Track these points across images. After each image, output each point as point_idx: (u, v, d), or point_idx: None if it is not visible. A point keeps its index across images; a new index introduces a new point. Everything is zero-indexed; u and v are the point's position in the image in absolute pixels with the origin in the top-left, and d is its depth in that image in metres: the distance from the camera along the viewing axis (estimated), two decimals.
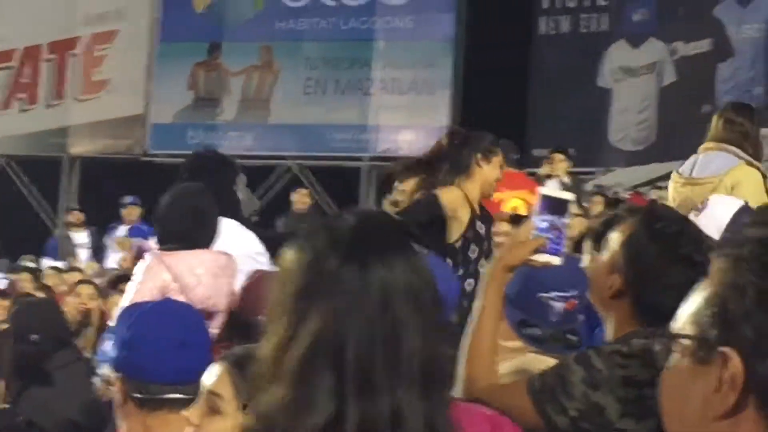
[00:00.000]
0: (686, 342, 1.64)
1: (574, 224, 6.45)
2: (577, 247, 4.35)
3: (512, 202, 9.03)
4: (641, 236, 3.46)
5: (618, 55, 24.91)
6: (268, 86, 24.57)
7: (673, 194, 7.56)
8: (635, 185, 19.80)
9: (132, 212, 18.76)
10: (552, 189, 3.57)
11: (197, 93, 24.87)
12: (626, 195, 18.04)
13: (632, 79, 24.85)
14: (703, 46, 24.42)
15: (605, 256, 3.51)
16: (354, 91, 24.16)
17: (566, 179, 15.75)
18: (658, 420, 1.98)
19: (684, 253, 3.46)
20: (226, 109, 24.66)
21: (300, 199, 18.35)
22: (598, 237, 3.68)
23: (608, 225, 3.79)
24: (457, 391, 3.28)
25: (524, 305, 3.74)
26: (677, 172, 7.68)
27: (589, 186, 19.43)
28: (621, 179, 21.53)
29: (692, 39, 24.40)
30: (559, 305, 3.84)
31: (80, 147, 24.93)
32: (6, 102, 24.84)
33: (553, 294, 3.78)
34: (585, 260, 3.80)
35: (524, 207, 9.88)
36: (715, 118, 7.83)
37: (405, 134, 21.62)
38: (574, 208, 3.30)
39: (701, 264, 3.39)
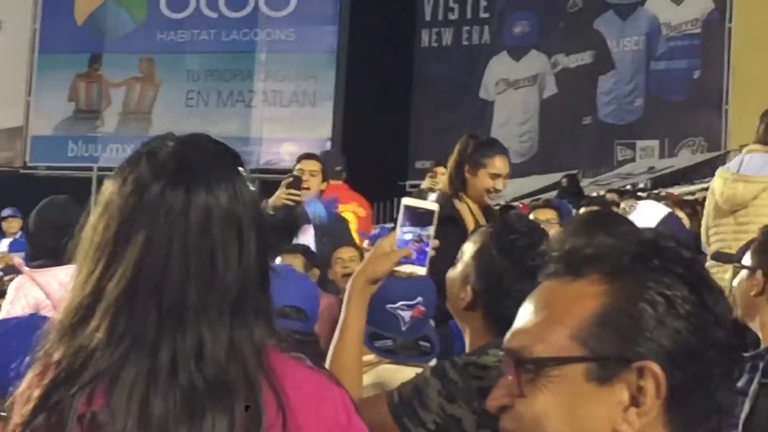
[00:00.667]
0: (572, 365, 1.57)
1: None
2: None
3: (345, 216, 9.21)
4: (491, 249, 3.48)
5: (499, 67, 25.44)
6: (149, 98, 24.82)
7: (722, 188, 7.75)
8: (515, 197, 20.05)
9: (12, 225, 18.51)
10: (415, 200, 3.46)
11: (78, 105, 25.07)
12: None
13: (514, 91, 25.35)
14: (584, 58, 24.89)
15: (459, 268, 3.54)
16: (236, 104, 24.49)
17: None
18: None
19: (534, 266, 3.39)
20: (107, 121, 24.86)
21: None
22: None
23: None
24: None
25: (373, 318, 3.66)
26: (725, 168, 8.01)
27: None
28: (504, 191, 21.96)
29: (573, 52, 24.91)
30: (406, 314, 3.88)
31: None
32: None
33: (400, 303, 3.83)
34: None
35: (355, 220, 9.99)
36: (759, 123, 8.14)
37: (287, 146, 21.98)
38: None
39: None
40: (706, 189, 11.23)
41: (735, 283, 4.11)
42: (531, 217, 8.50)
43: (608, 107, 25.01)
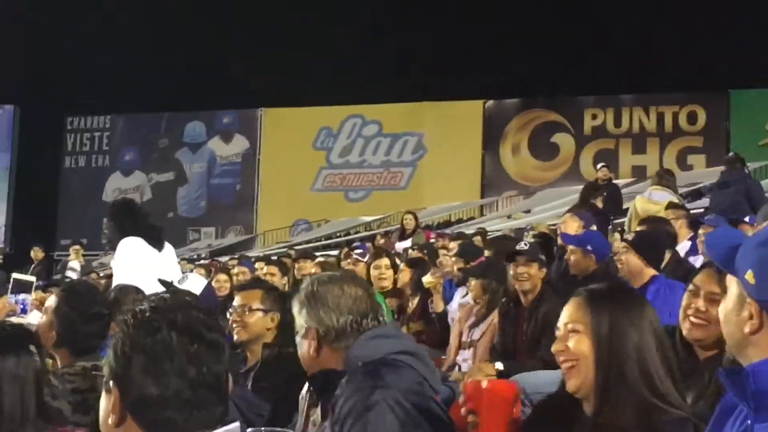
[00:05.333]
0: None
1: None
2: None
3: None
4: (62, 304, 4.45)
5: (115, 180, 32.41)
6: None
7: (641, 206, 10.58)
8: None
9: None
10: (20, 274, 4.31)
11: None
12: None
13: (128, 196, 28.50)
14: (169, 176, 32.57)
15: (44, 318, 4.53)
16: None
17: (81, 261, 17.52)
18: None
19: (94, 311, 4.51)
20: None
21: None
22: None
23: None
24: None
25: None
26: (642, 196, 11.15)
27: (95, 264, 22.76)
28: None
29: (162, 171, 32.54)
30: None
31: None
32: None
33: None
34: None
35: None
36: (654, 176, 11.67)
37: None
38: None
39: (107, 315, 4.61)
40: (243, 257, 16.11)
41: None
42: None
43: (184, 206, 32.37)
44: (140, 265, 7.04)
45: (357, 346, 3.34)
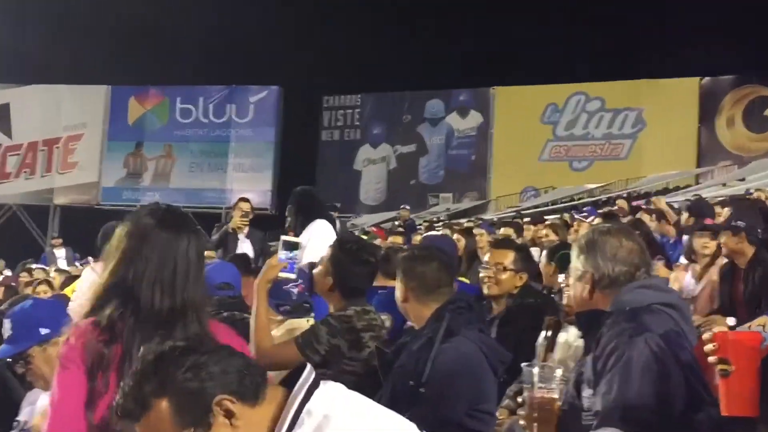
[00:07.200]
0: None
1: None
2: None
3: None
4: (337, 252, 4.77)
5: (365, 152, 34.05)
6: (169, 167, 33.37)
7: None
8: (373, 224, 25.64)
9: (56, 242, 22.70)
10: (288, 236, 4.62)
11: (128, 170, 33.59)
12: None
13: (372, 166, 34.11)
14: (411, 147, 33.86)
15: (320, 267, 4.79)
16: (218, 170, 32.85)
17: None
18: (372, 351, 4.04)
19: (363, 258, 4.78)
20: (145, 179, 33.42)
21: None
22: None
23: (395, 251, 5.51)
24: (252, 355, 4.03)
25: (277, 296, 4.94)
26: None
27: (348, 224, 24.49)
28: (366, 220, 29.21)
29: (406, 144, 33.90)
30: (295, 290, 5.16)
31: (60, 199, 33.65)
32: (17, 173, 33.70)
33: (290, 285, 5.04)
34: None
35: None
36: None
37: (247, 195, 26.55)
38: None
39: (374, 263, 4.88)
40: (478, 221, 16.21)
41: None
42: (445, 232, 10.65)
43: (424, 174, 33.67)
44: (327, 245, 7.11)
45: (626, 292, 3.32)
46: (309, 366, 2.30)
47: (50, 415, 2.78)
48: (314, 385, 2.23)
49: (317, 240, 7.39)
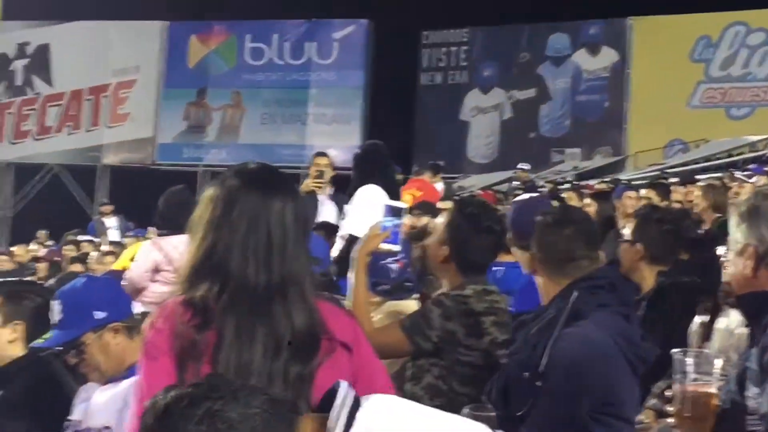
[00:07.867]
0: None
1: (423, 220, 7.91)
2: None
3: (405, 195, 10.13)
4: (456, 217, 4.79)
5: (473, 98, 33.84)
6: (237, 118, 33.64)
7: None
8: (484, 186, 26.06)
9: (106, 209, 23.59)
10: (392, 201, 4.86)
11: (189, 122, 34.02)
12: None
13: (482, 115, 33.89)
14: (530, 93, 33.60)
15: (434, 236, 4.87)
16: (295, 122, 33.05)
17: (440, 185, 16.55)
18: (494, 339, 4.16)
19: (486, 225, 4.83)
20: (209, 133, 33.82)
21: None
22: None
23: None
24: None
25: (374, 273, 4.95)
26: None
27: (454, 187, 22.75)
28: (475, 182, 28.88)
29: (523, 88, 33.63)
30: (394, 266, 5.21)
31: (110, 158, 34.31)
32: (58, 128, 34.34)
33: (389, 260, 5.11)
34: None
35: (411, 200, 10.42)
36: None
37: (329, 151, 26.82)
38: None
39: (499, 232, 4.93)
40: (615, 181, 16.16)
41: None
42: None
43: (546, 126, 33.37)
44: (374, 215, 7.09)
45: None
46: (344, 384, 2.35)
47: (136, 413, 2.81)
48: (355, 407, 2.26)
49: (360, 208, 7.50)
